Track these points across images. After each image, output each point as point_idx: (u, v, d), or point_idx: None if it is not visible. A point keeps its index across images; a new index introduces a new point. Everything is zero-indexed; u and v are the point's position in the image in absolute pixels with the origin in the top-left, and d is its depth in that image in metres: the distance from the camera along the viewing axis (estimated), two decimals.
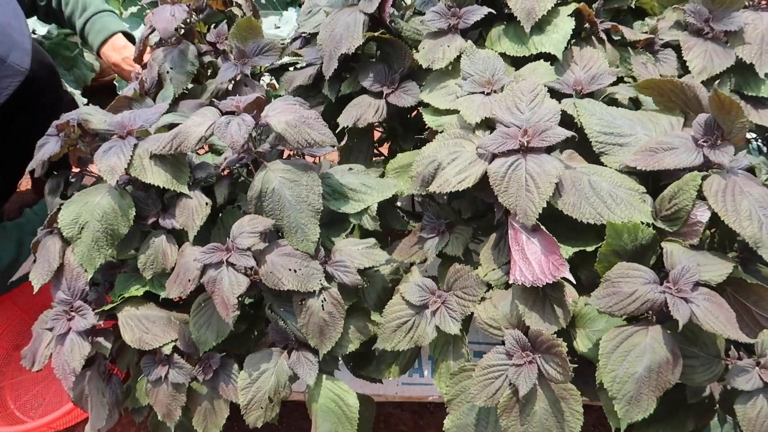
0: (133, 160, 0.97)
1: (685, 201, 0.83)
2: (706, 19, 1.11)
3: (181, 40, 1.29)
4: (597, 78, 1.01)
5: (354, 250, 0.99)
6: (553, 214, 0.83)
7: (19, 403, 1.66)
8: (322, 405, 0.96)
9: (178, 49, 1.28)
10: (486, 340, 1.21)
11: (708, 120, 0.87)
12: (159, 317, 1.01)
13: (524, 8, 1.04)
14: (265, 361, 0.97)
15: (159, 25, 1.24)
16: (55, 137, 1.04)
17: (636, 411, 0.78)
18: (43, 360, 1.01)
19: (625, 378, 0.78)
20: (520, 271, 0.85)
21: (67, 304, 0.99)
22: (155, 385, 1.00)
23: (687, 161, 0.85)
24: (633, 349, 0.78)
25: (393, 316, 0.96)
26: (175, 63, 1.27)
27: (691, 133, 0.88)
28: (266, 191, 0.94)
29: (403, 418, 1.57)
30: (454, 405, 0.91)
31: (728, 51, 1.08)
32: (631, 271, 0.79)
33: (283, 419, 1.59)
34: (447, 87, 1.07)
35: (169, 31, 1.24)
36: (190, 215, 0.98)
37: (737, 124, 0.83)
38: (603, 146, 0.93)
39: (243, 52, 1.24)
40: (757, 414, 0.76)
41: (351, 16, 1.12)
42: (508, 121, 0.91)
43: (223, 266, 0.91)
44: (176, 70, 1.27)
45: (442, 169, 0.92)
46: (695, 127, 0.88)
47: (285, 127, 0.93)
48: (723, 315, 0.75)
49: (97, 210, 0.96)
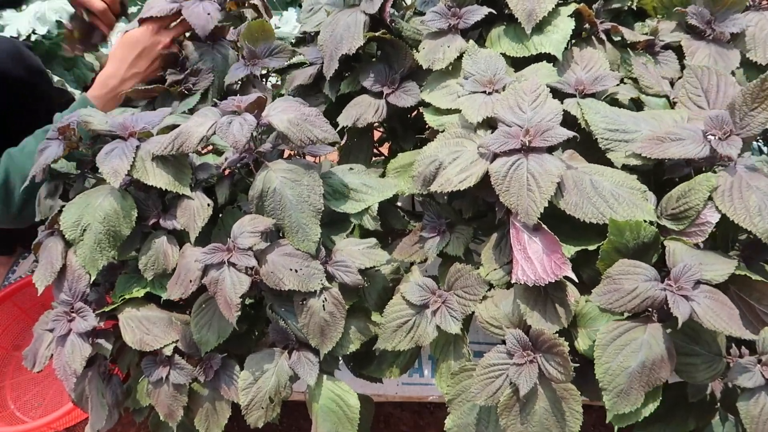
0: (135, 162, 0.96)
1: (696, 201, 0.83)
2: (708, 20, 1.11)
3: (216, 40, 1.31)
4: (600, 79, 1.01)
5: (355, 249, 0.99)
6: (555, 213, 0.83)
7: (19, 403, 1.66)
8: (323, 405, 0.96)
9: (218, 51, 1.30)
10: (487, 339, 1.21)
11: (719, 114, 0.87)
12: (160, 318, 1.01)
13: (525, 9, 1.05)
14: (265, 361, 0.96)
15: (196, 22, 1.24)
16: (56, 141, 1.04)
17: (624, 404, 0.79)
18: (44, 361, 1.01)
19: (618, 371, 0.78)
20: (522, 270, 0.85)
21: (67, 305, 0.99)
22: (156, 386, 1.00)
23: (693, 152, 0.85)
24: (629, 343, 0.79)
25: (393, 316, 0.96)
26: (217, 65, 1.29)
27: (701, 127, 0.88)
28: (267, 191, 0.94)
29: (403, 418, 1.57)
30: (455, 404, 0.91)
31: (732, 52, 1.08)
32: (632, 268, 0.79)
33: (284, 419, 1.58)
34: (448, 87, 1.07)
35: (207, 30, 1.25)
36: (191, 216, 0.98)
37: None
38: (608, 143, 0.93)
39: (254, 53, 1.25)
40: (760, 411, 0.76)
41: (352, 16, 1.12)
42: (509, 121, 0.91)
43: (224, 266, 0.91)
44: (218, 72, 1.28)
45: (443, 169, 0.92)
46: (706, 121, 0.88)
47: (287, 125, 0.93)
48: (725, 312, 0.75)
49: (99, 212, 0.96)
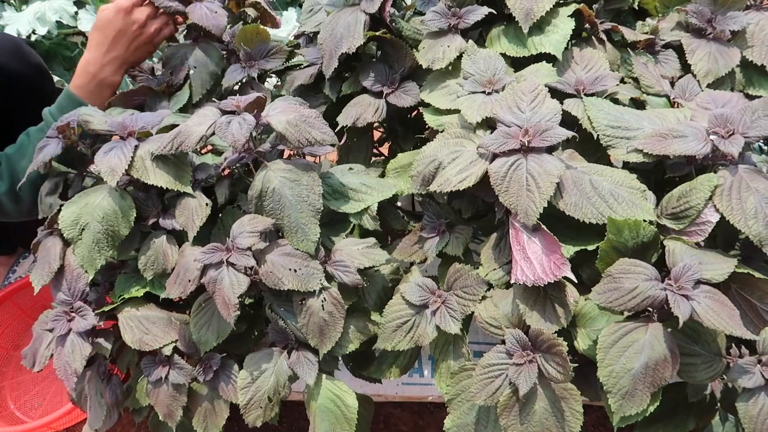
0: (134, 161, 0.97)
1: (697, 200, 0.83)
2: (709, 19, 1.11)
3: (202, 38, 1.29)
4: (600, 79, 1.01)
5: (354, 249, 0.99)
6: (554, 213, 0.83)
7: (19, 403, 1.66)
8: (321, 405, 0.96)
9: (200, 48, 1.26)
10: (486, 339, 1.21)
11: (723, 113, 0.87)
12: (159, 318, 1.01)
13: (523, 9, 1.04)
14: (264, 361, 0.96)
15: (208, 23, 1.22)
16: (55, 139, 1.04)
17: (629, 406, 0.78)
18: (44, 360, 1.01)
19: (622, 373, 0.78)
20: (521, 270, 0.85)
21: (67, 304, 0.99)
22: (156, 386, 1.00)
23: (695, 149, 0.85)
24: (632, 344, 0.78)
25: (393, 316, 0.96)
26: (198, 62, 1.25)
27: (704, 125, 0.88)
28: (267, 191, 0.94)
29: (402, 418, 1.57)
30: (454, 404, 0.91)
31: (732, 50, 1.08)
32: (632, 267, 0.79)
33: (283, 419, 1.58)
34: (448, 87, 1.07)
35: (221, 27, 1.24)
36: (190, 215, 0.98)
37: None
38: (610, 139, 0.93)
39: (250, 54, 1.25)
40: (759, 412, 0.76)
41: (352, 15, 1.12)
42: (509, 121, 0.91)
43: (223, 266, 0.91)
44: (199, 69, 1.25)
45: (442, 169, 0.92)
46: (710, 119, 0.88)
47: (286, 126, 0.93)
48: (725, 312, 0.75)
49: (98, 211, 0.96)
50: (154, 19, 1.28)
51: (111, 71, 1.26)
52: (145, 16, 1.26)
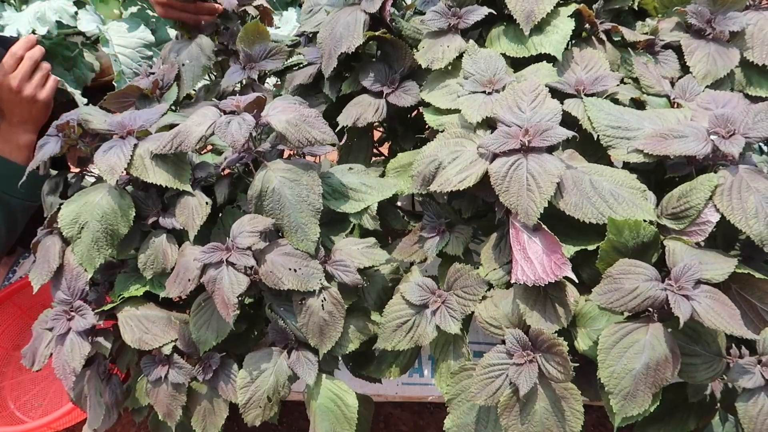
0: (133, 159, 0.96)
1: (697, 200, 0.83)
2: (708, 20, 1.11)
3: (196, 35, 1.30)
4: (600, 80, 1.01)
5: (354, 249, 0.99)
6: (554, 213, 0.83)
7: (19, 403, 1.66)
8: (321, 404, 0.96)
9: (194, 42, 1.28)
10: (486, 339, 1.21)
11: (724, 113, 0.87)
12: (159, 317, 1.01)
13: (524, 10, 1.04)
14: (264, 360, 0.96)
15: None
16: (55, 137, 1.04)
17: (631, 407, 0.78)
18: (43, 360, 1.01)
19: (623, 374, 0.78)
20: (521, 270, 0.85)
21: (66, 304, 0.99)
22: (155, 385, 1.00)
23: (695, 149, 0.85)
24: (632, 345, 0.78)
25: (393, 316, 0.96)
26: (191, 56, 1.27)
27: (705, 125, 0.88)
28: (266, 190, 0.94)
29: (402, 418, 1.57)
30: (454, 404, 0.91)
31: (731, 51, 1.08)
32: (632, 267, 0.79)
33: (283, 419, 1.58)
34: (448, 86, 1.07)
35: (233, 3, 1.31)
36: (190, 215, 0.98)
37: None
38: (611, 140, 0.93)
39: (250, 56, 1.25)
40: (759, 412, 0.76)
41: (352, 15, 1.12)
42: (509, 121, 0.90)
43: (223, 266, 0.91)
44: (192, 63, 1.26)
45: (442, 169, 0.92)
46: (710, 119, 0.88)
47: (286, 125, 0.93)
48: (726, 312, 0.75)
49: (97, 210, 0.96)
50: (29, 81, 1.33)
51: (19, 134, 1.35)
52: (17, 82, 1.31)
